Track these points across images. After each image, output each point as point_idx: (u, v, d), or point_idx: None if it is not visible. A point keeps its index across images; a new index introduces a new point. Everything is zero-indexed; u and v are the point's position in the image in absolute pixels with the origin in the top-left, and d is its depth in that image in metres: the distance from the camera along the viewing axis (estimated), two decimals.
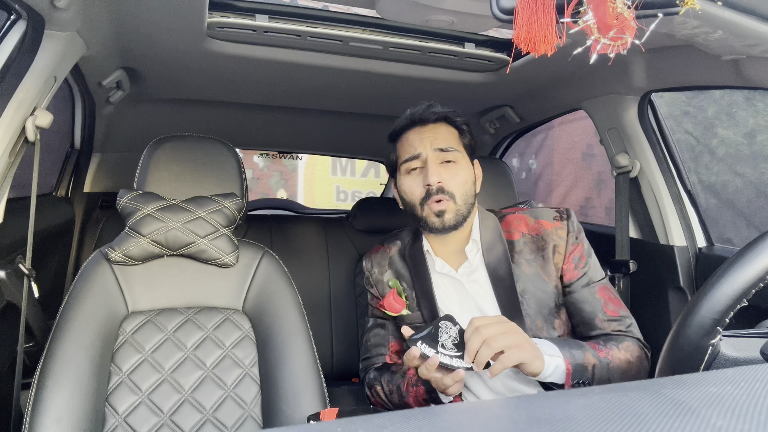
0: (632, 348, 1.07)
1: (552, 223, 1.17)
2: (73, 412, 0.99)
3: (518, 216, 1.21)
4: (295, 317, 1.22)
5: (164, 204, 1.21)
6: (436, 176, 1.12)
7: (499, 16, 0.72)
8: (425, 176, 1.13)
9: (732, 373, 0.45)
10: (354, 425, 0.34)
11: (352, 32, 1.38)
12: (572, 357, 0.99)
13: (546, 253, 1.15)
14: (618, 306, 1.15)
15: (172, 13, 1.19)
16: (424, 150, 1.15)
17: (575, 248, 1.16)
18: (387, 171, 1.30)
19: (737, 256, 0.63)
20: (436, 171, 1.12)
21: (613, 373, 1.03)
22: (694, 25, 0.83)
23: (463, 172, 1.15)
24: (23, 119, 1.05)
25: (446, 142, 1.15)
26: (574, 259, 1.15)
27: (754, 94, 3.32)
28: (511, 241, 1.18)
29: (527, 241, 1.17)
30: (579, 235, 1.18)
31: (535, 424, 0.35)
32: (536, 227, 1.18)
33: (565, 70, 1.53)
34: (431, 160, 1.14)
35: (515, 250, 1.17)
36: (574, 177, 5.84)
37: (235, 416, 1.14)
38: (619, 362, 1.04)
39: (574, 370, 0.98)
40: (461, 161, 1.16)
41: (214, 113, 2.09)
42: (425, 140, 1.15)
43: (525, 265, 1.15)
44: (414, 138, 1.17)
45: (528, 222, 1.19)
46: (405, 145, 1.19)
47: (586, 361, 1.00)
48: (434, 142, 1.15)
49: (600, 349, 1.04)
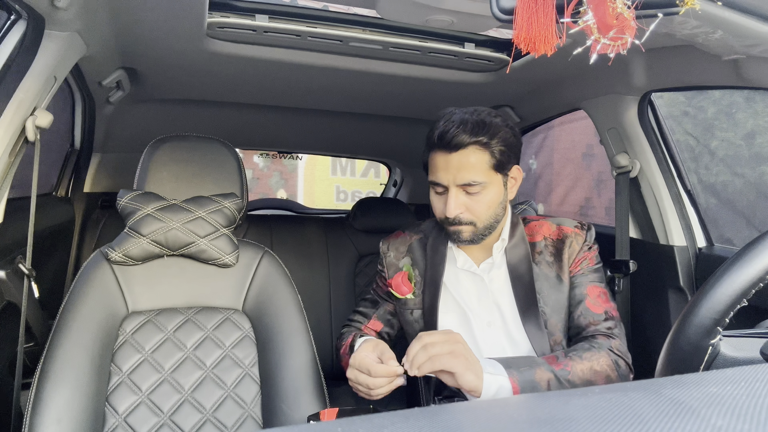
0: (597, 355, 1.06)
1: (573, 229, 1.21)
2: (73, 412, 0.99)
3: (541, 222, 1.25)
4: (295, 317, 1.22)
5: (164, 204, 1.21)
6: (456, 210, 1.11)
7: (499, 16, 0.72)
8: (446, 205, 1.12)
9: (732, 373, 0.45)
10: (354, 425, 0.34)
11: (352, 32, 1.38)
12: (519, 375, 0.98)
13: (563, 256, 1.19)
14: (605, 305, 1.16)
15: (172, 13, 1.19)
16: (448, 181, 1.11)
17: (586, 256, 1.20)
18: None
19: (737, 257, 0.63)
20: (457, 204, 1.11)
21: (577, 385, 1.01)
22: (694, 25, 0.83)
23: (488, 197, 1.12)
24: (23, 119, 1.05)
25: (471, 174, 1.09)
26: (582, 263, 1.19)
27: (754, 95, 3.32)
28: (533, 243, 1.22)
29: (548, 244, 1.21)
30: (593, 247, 1.22)
31: (535, 424, 0.35)
32: (557, 232, 1.21)
33: (565, 70, 1.53)
34: (452, 193, 1.11)
35: (536, 251, 1.21)
36: (574, 177, 5.85)
37: (235, 416, 1.14)
38: (582, 373, 1.03)
39: (522, 388, 0.97)
40: (486, 188, 1.12)
41: (214, 113, 2.09)
42: (450, 171, 1.10)
43: (545, 265, 1.19)
44: (440, 164, 1.12)
45: (550, 227, 1.23)
46: (432, 165, 1.15)
47: (539, 377, 1.00)
48: (458, 176, 1.09)
49: (558, 363, 1.04)
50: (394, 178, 3.05)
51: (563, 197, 5.98)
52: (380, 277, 1.33)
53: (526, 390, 0.98)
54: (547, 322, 1.14)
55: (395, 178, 3.04)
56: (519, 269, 1.18)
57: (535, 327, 1.13)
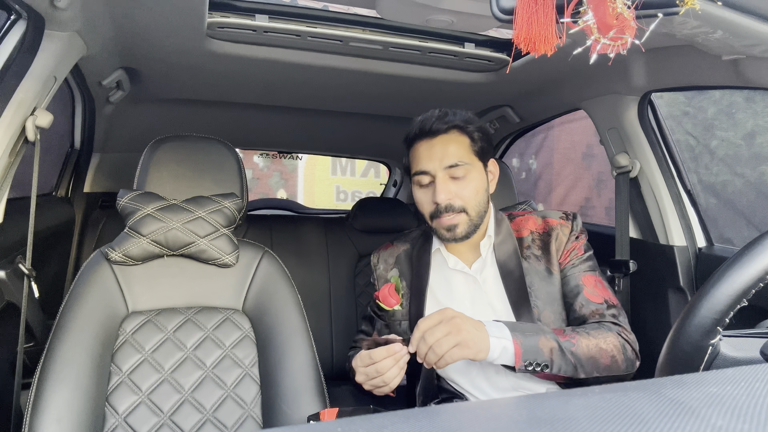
0: (605, 335, 1.07)
1: (558, 220, 1.22)
2: (73, 412, 0.99)
3: (526, 216, 1.26)
4: (295, 317, 1.22)
5: (164, 204, 1.21)
6: (445, 194, 1.13)
7: (499, 16, 0.72)
8: (434, 193, 1.14)
9: (732, 373, 0.45)
10: (354, 425, 0.34)
11: (352, 32, 1.38)
12: (524, 338, 1.00)
13: (551, 248, 1.19)
14: (604, 294, 1.16)
15: (172, 13, 1.19)
16: (432, 167, 1.14)
17: (574, 246, 1.20)
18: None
19: (737, 257, 0.63)
20: (445, 189, 1.13)
21: (581, 359, 1.02)
22: (694, 25, 0.83)
23: (473, 183, 1.16)
24: (23, 119, 1.05)
25: (456, 156, 1.14)
26: (571, 254, 1.19)
27: (754, 95, 3.33)
28: (520, 238, 1.22)
29: (535, 238, 1.21)
30: (580, 236, 1.21)
31: (535, 424, 0.35)
32: (543, 225, 1.22)
33: (565, 70, 1.53)
34: (440, 178, 1.14)
35: (524, 246, 1.21)
36: (574, 177, 5.85)
37: (235, 416, 1.14)
38: (587, 348, 1.03)
39: (524, 351, 0.99)
40: (472, 172, 1.16)
41: (214, 113, 2.09)
42: (434, 157, 1.14)
43: (533, 260, 1.19)
44: (424, 152, 1.16)
45: (536, 221, 1.24)
46: (415, 157, 1.18)
47: (542, 344, 1.01)
48: (443, 158, 1.14)
49: (565, 335, 1.04)
50: (394, 178, 3.06)
51: (563, 197, 5.98)
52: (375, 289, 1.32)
53: (528, 355, 0.99)
54: (540, 316, 1.14)
55: (395, 178, 3.05)
56: (508, 265, 1.18)
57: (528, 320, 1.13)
